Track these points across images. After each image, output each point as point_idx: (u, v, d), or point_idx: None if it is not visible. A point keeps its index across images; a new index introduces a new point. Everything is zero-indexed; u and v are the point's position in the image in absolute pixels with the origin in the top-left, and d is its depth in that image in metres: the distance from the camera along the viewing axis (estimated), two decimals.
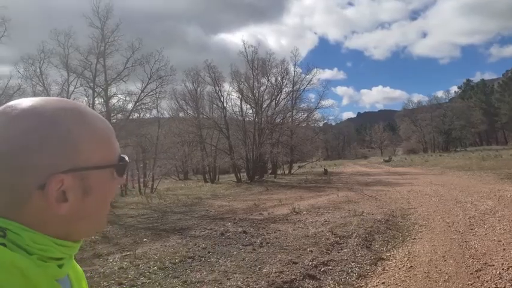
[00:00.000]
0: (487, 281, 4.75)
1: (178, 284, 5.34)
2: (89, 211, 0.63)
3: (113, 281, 5.68)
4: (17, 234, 0.56)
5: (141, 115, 22.02)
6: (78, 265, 0.75)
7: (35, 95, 15.73)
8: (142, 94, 18.30)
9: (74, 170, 0.59)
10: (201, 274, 5.73)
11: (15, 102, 0.60)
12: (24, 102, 0.60)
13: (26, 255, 0.56)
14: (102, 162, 0.63)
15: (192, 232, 8.97)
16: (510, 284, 4.63)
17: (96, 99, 16.18)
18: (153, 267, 6.25)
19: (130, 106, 17.87)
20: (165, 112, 30.07)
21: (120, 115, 17.41)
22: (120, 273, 6.04)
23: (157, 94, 20.50)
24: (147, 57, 17.92)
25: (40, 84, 14.99)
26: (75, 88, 15.56)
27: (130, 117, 18.48)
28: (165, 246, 7.68)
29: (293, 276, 5.32)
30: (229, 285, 5.11)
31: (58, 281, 0.60)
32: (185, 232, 9.04)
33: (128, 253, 7.28)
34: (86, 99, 16.03)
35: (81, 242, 0.68)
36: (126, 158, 0.69)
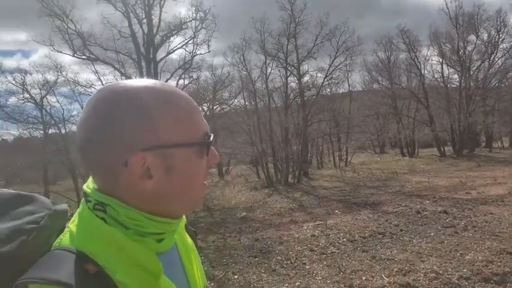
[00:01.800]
0: None
1: (367, 259, 5.27)
2: (176, 188, 0.63)
3: (305, 247, 6.10)
4: (116, 210, 0.61)
5: (332, 90, 22.31)
6: (189, 238, 0.79)
7: (241, 80, 18.14)
8: (330, 68, 18.47)
9: (154, 148, 0.60)
10: (391, 252, 5.47)
11: (105, 85, 0.66)
12: (111, 85, 0.64)
13: (123, 229, 0.61)
14: (183, 141, 0.63)
15: (384, 208, 8.65)
16: None
17: (289, 78, 17.31)
18: (343, 238, 6.36)
19: (320, 82, 18.32)
20: (357, 85, 29.53)
21: (312, 91, 18.11)
22: (311, 240, 6.43)
23: (347, 67, 20.24)
24: (333, 31, 17.84)
25: (244, 69, 17.12)
26: (271, 70, 17.05)
27: (322, 92, 18.98)
28: (356, 219, 7.68)
29: (507, 269, 4.45)
30: (423, 268, 4.70)
31: (161, 253, 0.64)
32: (377, 207, 8.80)
33: (320, 222, 7.65)
34: (281, 79, 17.33)
35: (181, 218, 0.70)
36: (211, 137, 0.66)
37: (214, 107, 21.95)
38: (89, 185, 0.65)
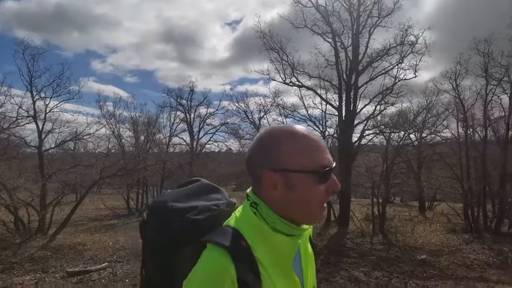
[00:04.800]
0: None
1: None
2: (293, 202, 0.87)
3: None
4: (262, 209, 0.88)
5: None
6: (310, 248, 1.01)
7: (456, 107, 15.94)
8: None
9: (278, 170, 0.87)
10: None
11: (267, 127, 0.97)
12: (268, 127, 0.95)
13: (265, 224, 0.87)
14: (300, 168, 0.86)
15: None
16: None
17: None
18: None
19: None
20: None
21: None
22: None
23: None
24: None
25: (457, 96, 15.09)
26: (492, 96, 14.27)
27: None
28: None
29: None
30: None
31: None
32: None
33: None
34: (502, 108, 14.21)
35: (303, 227, 0.93)
36: (327, 169, 0.87)
37: (423, 135, 20.11)
38: (251, 189, 0.95)
